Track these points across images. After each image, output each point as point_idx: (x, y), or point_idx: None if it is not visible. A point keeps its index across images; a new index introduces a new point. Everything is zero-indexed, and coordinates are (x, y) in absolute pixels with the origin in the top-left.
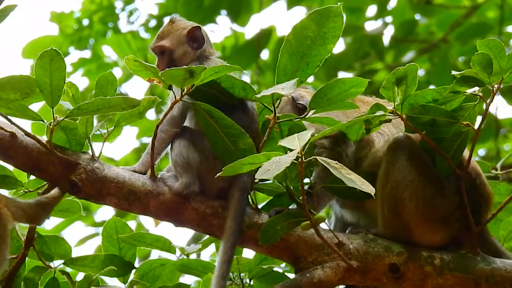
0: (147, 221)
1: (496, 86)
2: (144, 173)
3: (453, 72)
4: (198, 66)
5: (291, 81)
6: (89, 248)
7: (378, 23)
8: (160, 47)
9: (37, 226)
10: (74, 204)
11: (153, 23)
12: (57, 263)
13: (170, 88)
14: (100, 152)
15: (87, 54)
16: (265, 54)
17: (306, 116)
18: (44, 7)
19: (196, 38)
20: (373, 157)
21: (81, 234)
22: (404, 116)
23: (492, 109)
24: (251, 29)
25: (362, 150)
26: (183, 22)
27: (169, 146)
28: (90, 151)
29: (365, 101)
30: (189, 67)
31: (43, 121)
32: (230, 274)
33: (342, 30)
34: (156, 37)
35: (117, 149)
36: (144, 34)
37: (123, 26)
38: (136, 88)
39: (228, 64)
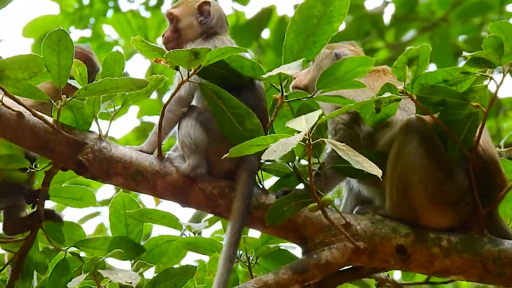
0: (148, 200)
1: (507, 67)
2: (151, 153)
3: (464, 54)
4: (203, 48)
5: (298, 61)
6: (90, 228)
7: (379, 1)
8: (170, 14)
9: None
10: (88, 193)
11: (153, 1)
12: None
13: (177, 68)
14: (107, 132)
15: (87, 33)
16: (266, 33)
17: (315, 96)
18: None
19: (204, 13)
20: (390, 135)
21: (81, 213)
22: (414, 96)
23: (492, 88)
24: (252, 8)
25: (383, 128)
26: None
27: (176, 126)
28: (97, 131)
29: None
30: (193, 49)
31: (50, 101)
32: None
33: (347, 8)
34: (172, 4)
35: (118, 128)
36: (144, 13)
37: (124, 5)
38: (137, 67)
39: (235, 46)
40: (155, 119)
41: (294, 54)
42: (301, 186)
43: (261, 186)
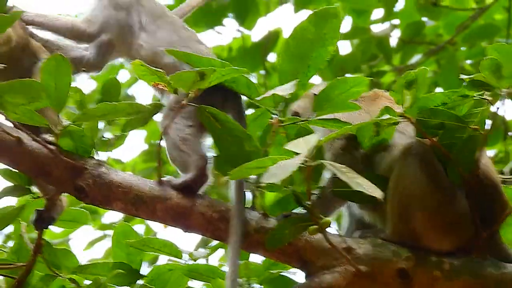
0: (156, 224)
1: (505, 90)
2: None
3: (462, 76)
4: (209, 68)
5: (291, 82)
6: (98, 251)
7: (385, 25)
8: None
9: (45, 230)
10: (82, 214)
11: None
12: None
13: (175, 92)
14: (108, 158)
15: None
16: (272, 57)
17: (311, 119)
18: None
19: None
20: (390, 160)
21: (89, 237)
22: (413, 119)
23: (500, 112)
24: (258, 31)
25: (381, 152)
26: None
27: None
28: (96, 156)
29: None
30: (201, 69)
31: (49, 126)
32: (239, 279)
33: (339, 31)
34: None
35: (125, 151)
36: None
37: None
38: (145, 89)
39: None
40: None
41: (289, 77)
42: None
43: (261, 211)
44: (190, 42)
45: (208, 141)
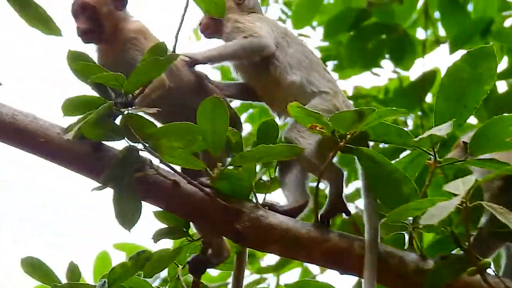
0: (313, 266)
1: None
2: None
3: None
4: (367, 108)
5: (448, 122)
6: None
7: None
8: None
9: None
10: None
11: None
12: None
13: (333, 133)
14: (264, 199)
15: None
16: (429, 97)
17: (467, 159)
18: None
19: None
20: None
21: (245, 280)
22: None
23: None
24: (415, 72)
25: None
26: None
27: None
28: (253, 199)
29: None
30: (360, 109)
31: (206, 168)
32: None
33: (496, 70)
34: None
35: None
36: None
37: None
38: None
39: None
40: None
41: (445, 118)
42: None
43: (419, 252)
44: (318, 66)
45: None
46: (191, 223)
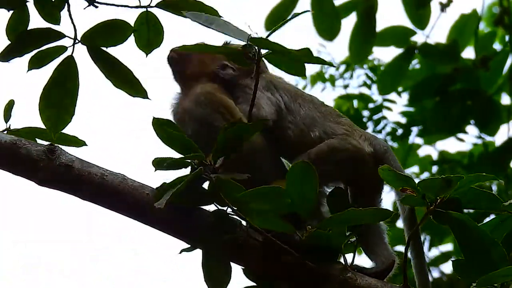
0: None
1: None
2: None
3: None
4: (456, 176)
5: None
6: None
7: None
8: None
9: None
10: None
11: (400, 131)
12: None
13: (423, 197)
14: (352, 261)
15: None
16: None
17: None
18: None
19: None
20: None
21: None
22: None
23: None
24: (500, 137)
25: None
26: None
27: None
28: (342, 260)
29: None
30: (447, 176)
31: (295, 231)
32: None
33: None
34: None
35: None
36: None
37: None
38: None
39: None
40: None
41: None
42: None
43: None
44: (331, 116)
45: None
46: None
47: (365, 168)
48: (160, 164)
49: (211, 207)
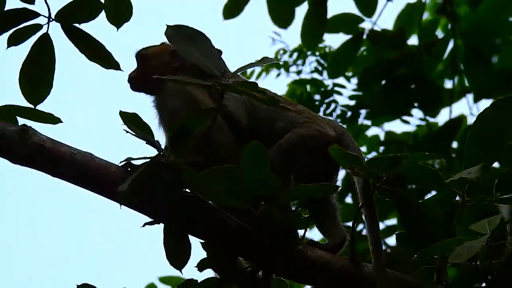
0: None
1: None
2: None
3: None
4: (403, 154)
5: (477, 166)
6: None
7: None
8: None
9: None
10: None
11: (349, 114)
12: None
13: (371, 176)
14: (303, 236)
15: None
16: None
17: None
18: None
19: None
20: None
21: None
22: None
23: None
24: (442, 119)
25: None
26: None
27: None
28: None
29: None
30: (394, 155)
31: (249, 208)
32: None
33: None
34: None
35: None
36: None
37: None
38: None
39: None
40: None
41: (475, 162)
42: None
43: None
44: (289, 105)
45: None
46: None
47: None
48: (127, 119)
49: None
